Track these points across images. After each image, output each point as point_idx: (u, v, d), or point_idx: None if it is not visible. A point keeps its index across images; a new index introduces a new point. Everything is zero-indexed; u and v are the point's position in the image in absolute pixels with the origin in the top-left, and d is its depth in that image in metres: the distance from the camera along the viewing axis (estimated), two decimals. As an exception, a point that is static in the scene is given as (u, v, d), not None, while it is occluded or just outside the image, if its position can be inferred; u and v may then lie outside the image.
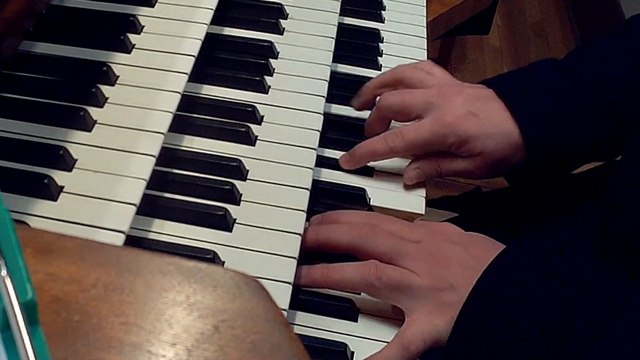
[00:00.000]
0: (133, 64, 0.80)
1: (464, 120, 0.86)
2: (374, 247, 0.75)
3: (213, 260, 0.71)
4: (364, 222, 0.78)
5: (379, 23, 1.09)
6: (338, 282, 0.75)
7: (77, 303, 0.45)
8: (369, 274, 0.73)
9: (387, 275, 0.73)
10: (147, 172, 0.70)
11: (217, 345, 0.44)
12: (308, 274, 0.75)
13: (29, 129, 0.72)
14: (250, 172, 0.80)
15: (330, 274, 0.75)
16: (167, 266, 0.48)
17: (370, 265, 0.74)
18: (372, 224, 0.78)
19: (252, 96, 0.88)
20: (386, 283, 0.73)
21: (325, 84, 0.92)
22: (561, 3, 3.14)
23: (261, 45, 0.95)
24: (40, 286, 0.45)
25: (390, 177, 0.89)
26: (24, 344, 0.39)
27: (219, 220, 0.74)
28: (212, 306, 0.46)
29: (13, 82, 0.76)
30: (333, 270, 0.75)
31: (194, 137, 0.83)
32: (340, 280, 0.74)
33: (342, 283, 0.75)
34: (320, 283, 0.75)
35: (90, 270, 0.47)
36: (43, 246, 0.47)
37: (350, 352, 0.72)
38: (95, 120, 0.74)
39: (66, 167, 0.69)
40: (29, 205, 0.65)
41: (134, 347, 0.43)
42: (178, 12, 0.87)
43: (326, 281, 0.75)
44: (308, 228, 0.78)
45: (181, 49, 0.82)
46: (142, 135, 0.73)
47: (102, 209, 0.66)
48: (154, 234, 0.73)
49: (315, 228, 0.78)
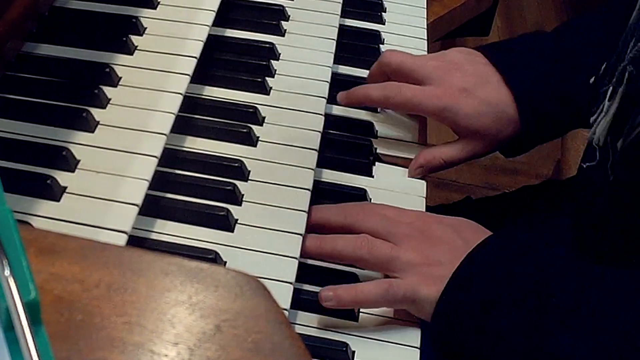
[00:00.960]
0: (135, 66, 0.80)
1: (460, 98, 0.88)
2: (365, 226, 0.77)
3: (215, 261, 0.71)
4: (356, 206, 0.80)
5: (380, 25, 1.09)
6: (330, 253, 0.76)
7: (80, 303, 0.45)
8: (360, 246, 0.75)
9: (377, 248, 0.75)
10: (150, 173, 0.70)
11: (219, 344, 0.44)
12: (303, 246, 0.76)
13: (32, 129, 0.72)
14: (252, 172, 0.81)
15: (322, 244, 0.76)
16: (169, 266, 0.48)
17: (361, 239, 0.76)
18: (364, 207, 0.80)
19: (253, 97, 0.89)
20: (376, 256, 0.75)
21: (326, 85, 0.92)
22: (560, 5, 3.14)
23: (263, 47, 0.95)
24: (43, 286, 0.45)
25: (390, 178, 0.89)
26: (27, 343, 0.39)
27: (221, 220, 0.75)
28: (214, 306, 0.46)
29: (16, 84, 0.76)
30: (325, 241, 0.76)
31: (196, 138, 0.83)
32: (332, 251, 0.76)
33: (333, 253, 0.76)
34: (312, 253, 0.77)
35: (93, 270, 0.47)
36: (46, 246, 0.47)
37: (351, 351, 0.72)
38: (98, 121, 0.74)
39: (69, 168, 0.69)
40: (32, 206, 0.65)
41: (136, 346, 0.44)
42: (180, 13, 0.87)
43: (318, 252, 0.76)
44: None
45: (183, 50, 0.82)
46: (145, 136, 0.73)
47: (104, 209, 0.66)
48: (156, 234, 0.73)
49: (309, 210, 0.79)
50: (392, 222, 0.78)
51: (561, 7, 3.13)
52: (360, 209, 0.79)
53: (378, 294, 0.73)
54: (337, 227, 0.79)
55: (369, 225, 0.77)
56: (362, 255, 0.75)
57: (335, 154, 0.90)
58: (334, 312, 0.75)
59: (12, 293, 0.41)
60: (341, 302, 0.73)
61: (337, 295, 0.73)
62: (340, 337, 0.73)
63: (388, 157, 0.92)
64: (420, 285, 0.74)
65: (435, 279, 0.74)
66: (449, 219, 0.80)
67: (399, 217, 0.79)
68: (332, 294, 0.73)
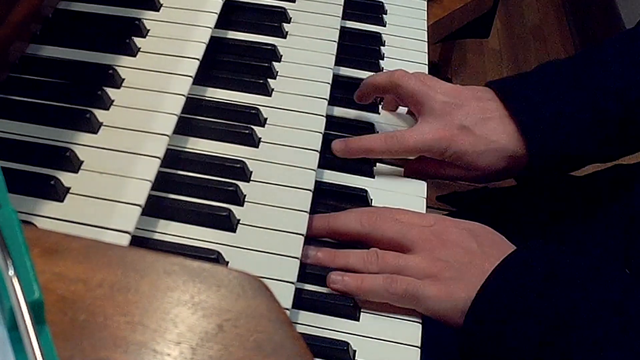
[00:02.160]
0: (138, 67, 0.80)
1: (460, 136, 0.87)
2: (381, 233, 0.79)
3: (217, 261, 0.71)
4: (372, 213, 0.81)
5: (381, 27, 1.09)
6: (342, 267, 0.78)
7: (83, 302, 0.45)
8: (371, 261, 0.77)
9: (385, 261, 0.77)
10: (152, 174, 0.70)
11: (221, 344, 0.44)
12: (317, 256, 0.78)
13: (36, 131, 0.72)
14: (254, 173, 0.81)
15: (336, 260, 0.78)
16: (172, 266, 0.48)
17: (371, 254, 0.77)
18: (380, 213, 0.80)
19: (255, 99, 0.89)
20: (385, 269, 0.76)
21: (328, 86, 0.92)
22: (560, 7, 3.14)
23: (264, 49, 0.95)
24: (47, 286, 0.45)
25: (391, 178, 0.90)
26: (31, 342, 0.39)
27: (223, 220, 0.75)
28: (216, 305, 0.46)
29: (20, 85, 0.77)
30: (338, 257, 0.78)
31: (199, 139, 0.83)
32: (345, 266, 0.78)
33: (345, 268, 0.78)
34: (327, 265, 0.78)
35: (96, 270, 0.47)
36: (50, 246, 0.48)
37: (352, 350, 0.72)
38: (101, 123, 0.74)
39: (72, 169, 0.69)
40: (36, 206, 0.66)
41: (139, 345, 0.44)
42: (183, 16, 0.87)
43: (332, 266, 0.78)
44: (316, 216, 0.80)
45: (186, 52, 0.83)
46: (148, 137, 0.73)
47: (108, 209, 0.66)
48: (159, 235, 0.74)
49: (325, 216, 0.81)
50: (407, 226, 0.79)
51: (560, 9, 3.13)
52: (377, 216, 0.80)
53: (380, 285, 0.75)
54: (355, 235, 0.80)
55: (385, 231, 0.79)
56: (373, 269, 0.77)
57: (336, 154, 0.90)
58: (335, 311, 0.75)
59: (16, 293, 0.41)
60: (346, 286, 0.76)
61: (344, 280, 0.76)
62: (341, 337, 0.73)
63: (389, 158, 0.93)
64: (424, 284, 0.75)
65: (442, 280, 0.75)
66: (466, 223, 0.80)
67: (416, 220, 0.80)
68: (340, 278, 0.76)
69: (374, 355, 0.73)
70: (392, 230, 0.79)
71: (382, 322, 0.76)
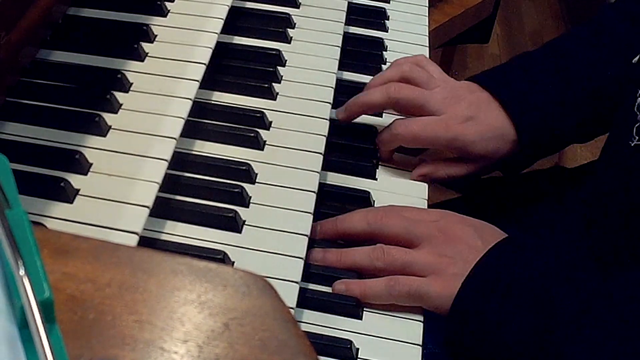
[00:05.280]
0: (146, 72, 0.81)
1: (466, 127, 0.90)
2: (387, 230, 0.79)
3: (223, 261, 0.72)
4: (379, 211, 0.82)
5: (383, 32, 1.10)
6: (350, 266, 0.79)
7: (92, 302, 0.45)
8: (377, 258, 0.78)
9: (391, 257, 0.77)
10: (160, 176, 0.71)
11: (227, 342, 0.45)
12: (324, 257, 0.79)
13: (46, 134, 0.73)
14: (259, 175, 0.82)
15: (342, 259, 0.79)
16: (179, 266, 0.48)
17: (377, 250, 0.78)
18: (386, 211, 0.81)
19: (260, 102, 0.90)
20: (392, 264, 0.77)
21: (331, 90, 0.93)
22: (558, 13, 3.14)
23: (269, 54, 0.96)
24: (57, 285, 0.45)
25: (393, 180, 0.91)
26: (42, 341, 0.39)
27: (229, 222, 0.76)
28: (222, 304, 0.46)
29: (31, 89, 0.77)
30: (345, 255, 0.79)
31: (205, 142, 0.84)
32: (352, 264, 0.79)
33: (353, 266, 0.79)
34: (334, 266, 0.79)
35: (105, 270, 0.47)
36: (59, 247, 0.48)
37: (355, 348, 0.73)
38: (110, 126, 0.75)
39: (82, 171, 0.70)
40: (46, 208, 0.66)
41: (147, 343, 0.44)
42: (190, 21, 0.87)
43: (339, 265, 0.79)
44: (323, 221, 0.82)
45: (192, 57, 0.83)
46: (155, 140, 0.74)
47: (116, 211, 0.67)
48: (166, 235, 0.74)
49: (333, 219, 0.82)
50: (413, 222, 0.80)
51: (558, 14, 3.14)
52: (383, 213, 0.81)
53: (382, 289, 0.76)
54: (362, 234, 0.81)
55: (391, 227, 0.80)
56: (379, 265, 0.78)
57: (339, 157, 0.91)
58: (338, 310, 0.76)
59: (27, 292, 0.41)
60: (351, 293, 0.76)
61: (348, 287, 0.76)
62: (344, 335, 0.74)
63: (391, 161, 0.94)
64: (427, 281, 0.76)
65: (447, 275, 0.76)
66: (472, 220, 0.81)
67: (421, 216, 0.81)
68: (344, 287, 0.76)
69: (377, 353, 0.74)
70: (399, 226, 0.80)
71: (384, 320, 0.76)
